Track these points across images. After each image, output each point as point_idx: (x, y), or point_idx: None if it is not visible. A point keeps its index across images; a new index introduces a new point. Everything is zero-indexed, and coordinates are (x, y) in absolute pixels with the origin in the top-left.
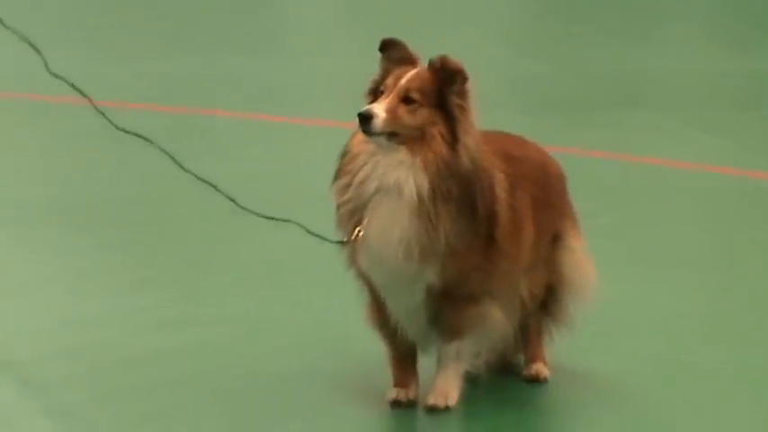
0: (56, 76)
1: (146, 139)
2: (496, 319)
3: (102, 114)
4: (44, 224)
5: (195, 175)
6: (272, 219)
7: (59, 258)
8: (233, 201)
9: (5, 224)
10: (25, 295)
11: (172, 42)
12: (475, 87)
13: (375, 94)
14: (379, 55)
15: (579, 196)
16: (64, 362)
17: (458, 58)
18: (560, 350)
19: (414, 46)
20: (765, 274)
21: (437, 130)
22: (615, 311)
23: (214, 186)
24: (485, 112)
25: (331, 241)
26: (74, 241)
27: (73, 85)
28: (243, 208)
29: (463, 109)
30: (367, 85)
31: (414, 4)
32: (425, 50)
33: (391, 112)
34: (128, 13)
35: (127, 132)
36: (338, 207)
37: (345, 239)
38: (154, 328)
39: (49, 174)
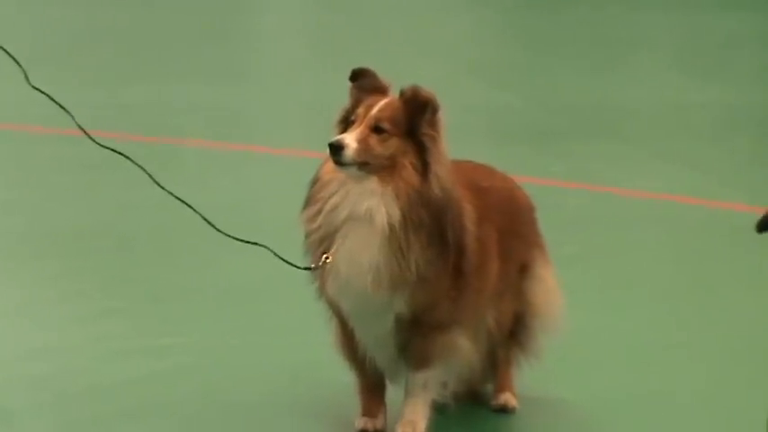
0: (37, 89)
1: (126, 157)
2: (464, 349)
3: (84, 131)
4: (8, 253)
5: (173, 194)
6: (245, 241)
7: (24, 287)
8: (210, 223)
9: None
10: None
11: (139, 71)
12: (445, 117)
13: (346, 123)
14: (349, 84)
15: (546, 226)
16: (30, 391)
17: (428, 88)
18: (528, 379)
19: (384, 76)
20: (731, 303)
21: (408, 160)
22: (583, 340)
23: (192, 208)
24: (453, 141)
25: (299, 267)
26: (39, 270)
27: (53, 99)
28: (219, 230)
29: (434, 138)
30: (337, 114)
31: (383, 35)
32: (395, 81)
33: (362, 142)
34: (95, 42)
35: (107, 148)
36: (308, 234)
37: (313, 266)
38: (119, 357)
39: (15, 202)
